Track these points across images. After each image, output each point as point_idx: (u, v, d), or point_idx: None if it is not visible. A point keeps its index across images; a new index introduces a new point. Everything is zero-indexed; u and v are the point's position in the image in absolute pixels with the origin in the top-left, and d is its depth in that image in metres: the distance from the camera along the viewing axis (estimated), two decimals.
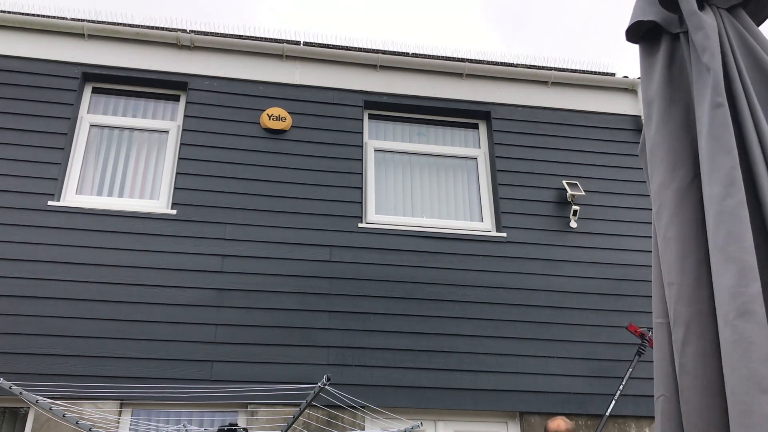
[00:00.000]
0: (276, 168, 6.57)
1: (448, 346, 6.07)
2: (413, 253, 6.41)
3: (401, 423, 5.33)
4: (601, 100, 7.57)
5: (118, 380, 5.49)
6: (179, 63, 6.91)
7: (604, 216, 6.92)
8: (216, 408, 5.68)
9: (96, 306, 5.73)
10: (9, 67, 6.56)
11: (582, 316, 6.39)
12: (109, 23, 6.95)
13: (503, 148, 7.12)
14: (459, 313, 6.22)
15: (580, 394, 6.06)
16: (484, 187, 7.06)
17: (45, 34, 6.77)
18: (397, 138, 7.26)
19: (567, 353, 6.21)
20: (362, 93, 7.14)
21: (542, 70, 7.52)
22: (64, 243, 5.90)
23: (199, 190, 6.34)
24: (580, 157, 7.19)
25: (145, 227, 6.10)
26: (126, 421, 5.49)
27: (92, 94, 6.83)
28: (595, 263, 6.66)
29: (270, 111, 6.77)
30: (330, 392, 4.77)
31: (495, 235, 6.66)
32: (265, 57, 7.11)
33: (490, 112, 7.30)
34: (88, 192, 6.41)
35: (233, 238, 6.19)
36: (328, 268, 6.22)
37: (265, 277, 6.08)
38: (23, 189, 6.04)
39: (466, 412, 5.94)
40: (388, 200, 6.91)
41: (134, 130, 6.80)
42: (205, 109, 6.73)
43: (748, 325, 1.51)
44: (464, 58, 7.51)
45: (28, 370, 5.39)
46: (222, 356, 5.72)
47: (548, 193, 6.95)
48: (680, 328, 1.68)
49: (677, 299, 1.70)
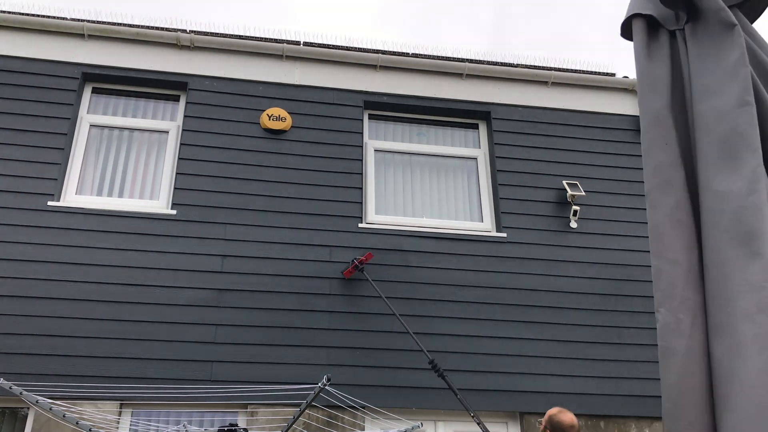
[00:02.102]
0: (276, 168, 6.57)
1: (448, 346, 6.06)
2: (413, 253, 6.41)
3: (401, 423, 5.33)
4: (601, 100, 7.57)
5: (118, 380, 5.49)
6: (179, 63, 6.91)
7: (604, 216, 6.92)
8: (216, 408, 5.68)
9: (96, 306, 5.73)
10: (9, 67, 6.56)
11: (582, 316, 6.39)
12: (109, 23, 6.95)
13: (503, 148, 7.12)
14: (459, 313, 6.22)
15: (580, 394, 6.06)
16: (484, 188, 7.06)
17: (45, 34, 6.77)
18: (397, 138, 7.26)
19: (567, 353, 6.21)
20: (362, 93, 7.14)
21: (542, 70, 7.52)
22: (64, 243, 5.90)
23: (199, 190, 6.34)
24: (580, 157, 7.19)
25: (145, 227, 6.10)
26: (126, 422, 5.49)
27: (92, 94, 6.83)
28: (595, 263, 6.66)
29: (270, 111, 6.77)
30: (330, 392, 4.77)
31: (495, 235, 6.66)
32: (265, 57, 7.11)
33: (490, 112, 7.30)
34: (88, 192, 6.40)
35: (233, 238, 6.19)
36: (328, 268, 6.22)
37: (265, 277, 6.08)
38: (23, 189, 6.04)
39: (466, 412, 5.93)
40: (388, 200, 6.90)
41: (134, 130, 6.80)
42: (205, 109, 6.73)
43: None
44: (464, 58, 7.51)
45: (28, 370, 5.39)
46: (222, 356, 5.72)
47: (548, 193, 6.95)
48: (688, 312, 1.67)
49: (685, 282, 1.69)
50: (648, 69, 2.00)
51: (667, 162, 1.85)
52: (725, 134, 1.77)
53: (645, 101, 1.97)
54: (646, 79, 2.00)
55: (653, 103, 1.94)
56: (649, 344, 6.36)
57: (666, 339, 1.68)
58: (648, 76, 2.00)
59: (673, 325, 1.67)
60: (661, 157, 1.86)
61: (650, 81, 1.98)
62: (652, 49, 2.04)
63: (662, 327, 1.69)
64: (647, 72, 2.00)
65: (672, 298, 1.70)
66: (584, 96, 7.56)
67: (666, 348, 1.67)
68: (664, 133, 1.90)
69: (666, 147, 1.87)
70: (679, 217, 1.78)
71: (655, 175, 1.86)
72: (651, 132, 1.92)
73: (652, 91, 1.96)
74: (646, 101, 1.96)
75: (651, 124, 1.93)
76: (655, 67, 2.00)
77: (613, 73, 7.85)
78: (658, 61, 2.01)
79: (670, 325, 1.68)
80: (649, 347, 6.35)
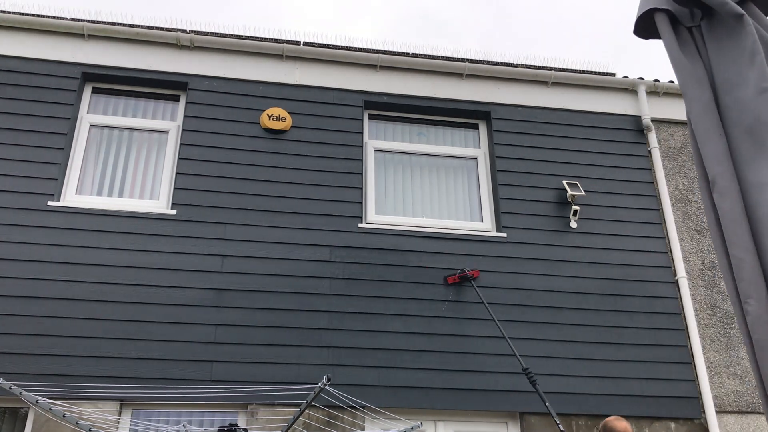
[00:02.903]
0: (276, 168, 6.57)
1: (448, 346, 6.06)
2: (413, 253, 6.41)
3: (401, 423, 5.33)
4: (601, 100, 7.57)
5: (118, 380, 5.49)
6: (179, 63, 6.91)
7: (604, 216, 6.92)
8: (216, 408, 5.68)
9: (96, 306, 5.73)
10: (9, 67, 6.56)
11: (582, 316, 6.39)
12: (109, 23, 6.95)
13: (503, 148, 7.12)
14: (459, 313, 6.22)
15: (580, 394, 6.06)
16: (484, 187, 7.06)
17: (45, 34, 6.77)
18: (397, 138, 7.26)
19: (567, 353, 6.21)
20: (362, 93, 7.14)
21: (542, 70, 7.52)
22: (64, 243, 5.90)
23: (199, 190, 6.34)
24: (580, 157, 7.19)
25: (145, 227, 6.10)
26: (126, 422, 5.49)
27: (92, 94, 6.83)
28: (595, 263, 6.66)
29: (270, 111, 6.77)
30: (330, 392, 4.77)
31: (495, 235, 6.66)
32: (265, 57, 7.11)
33: (490, 112, 7.30)
34: (88, 192, 6.40)
35: (233, 238, 6.19)
36: (328, 268, 6.22)
37: (265, 277, 6.08)
38: (23, 189, 6.04)
39: (466, 412, 5.94)
40: (388, 200, 6.90)
41: (134, 130, 6.80)
42: (205, 109, 6.73)
43: None
44: (464, 58, 7.51)
45: (28, 370, 5.39)
46: (222, 356, 5.72)
47: (548, 193, 6.95)
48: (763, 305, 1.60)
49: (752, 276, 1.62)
50: (685, 62, 1.96)
51: (723, 151, 1.80)
52: (750, 124, 1.75)
53: (691, 93, 1.91)
54: (687, 71, 1.94)
55: (701, 95, 1.89)
56: (650, 344, 6.37)
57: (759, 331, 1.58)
58: (687, 68, 1.95)
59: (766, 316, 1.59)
60: (719, 147, 1.81)
61: (692, 73, 1.94)
62: (681, 44, 2.01)
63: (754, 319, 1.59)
64: (686, 65, 1.96)
65: (759, 287, 1.61)
66: (584, 96, 7.56)
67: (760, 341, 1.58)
68: (715, 123, 1.86)
69: (721, 137, 1.82)
70: (743, 206, 1.72)
71: (717, 164, 1.79)
72: (704, 121, 1.87)
73: (697, 82, 1.90)
74: (693, 93, 1.90)
75: (702, 114, 1.87)
76: (692, 61, 1.97)
77: (613, 73, 7.85)
78: (690, 56, 1.98)
79: (762, 316, 1.58)
80: (649, 347, 6.36)
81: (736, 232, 1.68)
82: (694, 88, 1.92)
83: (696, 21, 2.02)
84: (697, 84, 1.92)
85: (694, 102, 1.90)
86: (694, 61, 1.97)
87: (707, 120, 1.86)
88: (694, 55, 1.98)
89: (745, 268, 1.63)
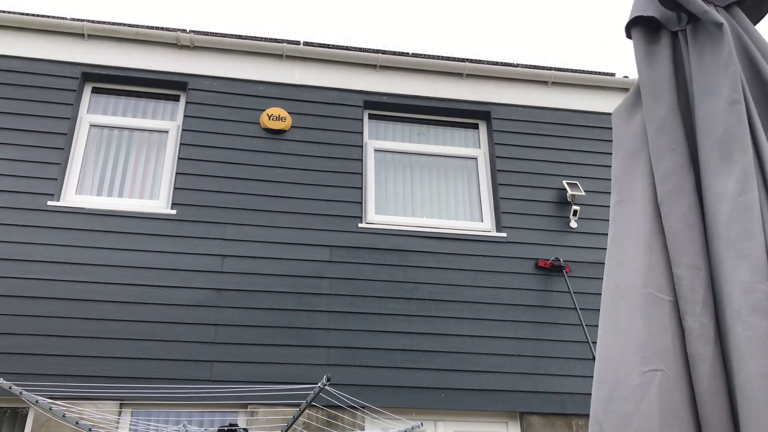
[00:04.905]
0: (276, 168, 6.57)
1: (448, 346, 6.06)
2: (413, 253, 6.41)
3: (401, 423, 5.33)
4: (601, 100, 7.57)
5: (118, 380, 5.49)
6: (179, 63, 6.91)
7: (604, 216, 6.92)
8: (216, 408, 5.68)
9: (96, 306, 5.73)
10: (9, 67, 6.56)
11: (582, 316, 6.38)
12: (108, 23, 6.95)
13: (503, 148, 7.12)
14: (459, 313, 6.22)
15: (580, 394, 6.06)
16: (484, 187, 7.06)
17: (45, 34, 6.77)
18: (397, 138, 7.26)
19: (567, 353, 6.21)
20: (362, 93, 7.14)
21: (542, 70, 7.52)
22: (64, 243, 5.90)
23: (199, 190, 6.34)
24: (580, 157, 7.19)
25: (145, 227, 6.10)
26: (126, 421, 5.49)
27: (92, 94, 6.83)
28: (595, 263, 6.66)
29: (270, 111, 6.77)
30: (330, 392, 4.77)
31: (495, 235, 6.65)
32: (265, 57, 7.11)
33: (490, 112, 7.30)
34: (88, 192, 6.40)
35: (233, 238, 6.19)
36: (328, 268, 6.22)
37: (265, 277, 6.08)
38: (23, 189, 6.04)
39: (466, 412, 5.94)
40: (388, 200, 6.90)
41: (134, 130, 6.80)
42: (205, 109, 6.73)
43: (762, 321, 1.50)
44: (464, 58, 7.51)
45: (28, 370, 5.39)
46: (222, 356, 5.72)
47: (548, 193, 6.95)
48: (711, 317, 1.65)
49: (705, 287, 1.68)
50: (650, 76, 1.99)
51: (675, 167, 1.84)
52: (720, 135, 1.77)
53: (649, 109, 1.96)
54: (648, 87, 1.99)
55: (658, 111, 1.94)
56: None
57: (693, 346, 1.65)
58: (650, 83, 1.99)
59: (698, 331, 1.65)
60: (669, 164, 1.85)
61: (653, 88, 1.97)
62: (653, 54, 2.03)
63: (689, 334, 1.67)
64: (649, 80, 2.00)
65: (694, 304, 1.68)
66: (584, 96, 7.56)
67: (694, 355, 1.65)
68: (670, 139, 1.89)
69: (673, 152, 1.86)
70: (692, 221, 1.76)
71: (664, 182, 1.84)
72: (658, 140, 1.91)
73: (655, 99, 1.95)
74: (651, 109, 1.96)
75: (657, 132, 1.92)
76: (657, 73, 1.99)
77: (613, 73, 7.84)
78: (660, 65, 2.00)
79: (695, 331, 1.66)
80: None
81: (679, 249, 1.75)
82: (651, 106, 1.97)
83: (682, 25, 2.03)
84: (654, 100, 1.96)
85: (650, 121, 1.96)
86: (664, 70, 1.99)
87: (660, 139, 1.90)
88: (665, 63, 2.00)
89: (683, 286, 1.71)
